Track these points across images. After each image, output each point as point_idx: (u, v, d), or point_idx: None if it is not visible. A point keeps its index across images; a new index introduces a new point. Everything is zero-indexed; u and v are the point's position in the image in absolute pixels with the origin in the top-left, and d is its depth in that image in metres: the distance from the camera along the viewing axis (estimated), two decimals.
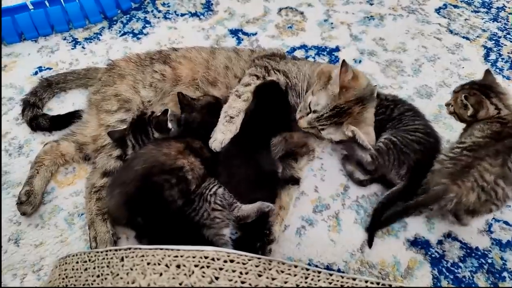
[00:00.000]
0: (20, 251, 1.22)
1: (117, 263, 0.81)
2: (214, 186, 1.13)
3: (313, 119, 1.25)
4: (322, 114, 1.23)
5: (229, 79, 1.45)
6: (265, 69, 1.38)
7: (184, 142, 1.19)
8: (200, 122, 1.24)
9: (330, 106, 1.23)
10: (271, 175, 1.25)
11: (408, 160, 1.26)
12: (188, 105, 1.27)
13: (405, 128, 1.32)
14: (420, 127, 1.32)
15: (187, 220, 1.08)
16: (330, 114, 1.23)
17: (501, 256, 1.24)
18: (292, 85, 1.38)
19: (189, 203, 1.10)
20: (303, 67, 1.43)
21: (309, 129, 1.30)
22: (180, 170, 1.10)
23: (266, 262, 0.79)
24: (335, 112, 1.23)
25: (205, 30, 1.97)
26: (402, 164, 1.27)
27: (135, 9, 2.06)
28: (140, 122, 1.29)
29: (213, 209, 1.09)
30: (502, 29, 1.99)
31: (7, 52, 1.80)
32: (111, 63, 1.55)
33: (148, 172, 1.07)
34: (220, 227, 1.09)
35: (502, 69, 1.80)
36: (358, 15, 2.05)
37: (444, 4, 2.12)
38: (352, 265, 1.21)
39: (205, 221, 1.08)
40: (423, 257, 1.23)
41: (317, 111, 1.24)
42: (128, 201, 1.06)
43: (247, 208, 1.15)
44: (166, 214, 1.06)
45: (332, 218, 1.32)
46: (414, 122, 1.33)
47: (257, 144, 1.24)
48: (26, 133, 1.51)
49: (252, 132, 1.27)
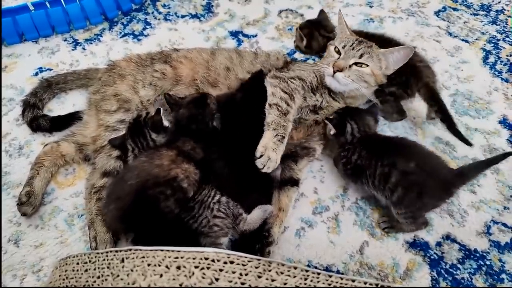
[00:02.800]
0: (20, 251, 1.22)
1: (117, 264, 0.82)
2: (217, 194, 1.12)
3: (347, 51, 1.34)
4: (352, 42, 1.35)
5: (230, 80, 1.45)
6: (282, 80, 1.36)
7: (175, 148, 1.17)
8: (188, 117, 1.23)
9: (352, 38, 1.39)
10: (265, 175, 1.24)
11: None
12: (175, 104, 1.27)
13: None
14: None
15: (184, 228, 1.07)
16: (358, 41, 1.36)
17: (499, 258, 1.24)
18: (308, 86, 1.38)
19: (187, 210, 1.09)
20: (305, 65, 1.46)
21: (349, 71, 1.32)
22: (174, 180, 1.08)
23: (265, 264, 0.79)
24: (359, 41, 1.37)
25: (205, 32, 1.97)
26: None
27: (136, 10, 2.06)
28: (137, 125, 1.29)
29: (214, 216, 1.08)
30: (501, 32, 2.00)
31: (7, 53, 1.80)
32: (111, 63, 1.55)
33: (142, 186, 1.05)
34: (218, 236, 1.08)
35: (501, 71, 1.80)
36: (358, 17, 2.06)
37: (443, 7, 2.13)
38: (351, 266, 1.22)
39: (203, 229, 1.07)
40: (422, 259, 1.24)
41: (345, 45, 1.35)
42: (124, 216, 1.06)
43: (252, 220, 1.16)
44: (163, 225, 1.05)
45: (332, 220, 1.33)
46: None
47: (250, 145, 1.24)
48: (26, 134, 1.51)
49: (246, 133, 1.26)
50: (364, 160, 1.24)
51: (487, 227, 1.31)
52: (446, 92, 1.71)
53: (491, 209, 1.35)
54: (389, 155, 1.21)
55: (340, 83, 1.32)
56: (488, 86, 1.74)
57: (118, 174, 1.26)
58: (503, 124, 1.60)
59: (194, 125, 1.22)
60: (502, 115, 1.63)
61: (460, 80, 1.76)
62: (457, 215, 1.33)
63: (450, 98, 1.69)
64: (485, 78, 1.77)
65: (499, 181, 1.42)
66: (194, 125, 1.22)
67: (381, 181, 1.20)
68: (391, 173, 1.18)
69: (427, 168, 1.18)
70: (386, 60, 1.35)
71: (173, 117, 1.27)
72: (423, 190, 1.16)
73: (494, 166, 1.45)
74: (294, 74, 1.41)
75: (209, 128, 1.22)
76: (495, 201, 1.37)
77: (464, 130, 1.57)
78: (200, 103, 1.25)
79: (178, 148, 1.17)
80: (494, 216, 1.33)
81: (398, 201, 1.19)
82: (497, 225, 1.31)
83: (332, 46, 1.41)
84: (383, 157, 1.21)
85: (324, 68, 1.35)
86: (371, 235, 1.28)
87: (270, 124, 1.22)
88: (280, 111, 1.25)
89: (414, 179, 1.16)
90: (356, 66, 1.32)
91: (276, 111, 1.25)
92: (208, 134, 1.22)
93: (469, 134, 1.56)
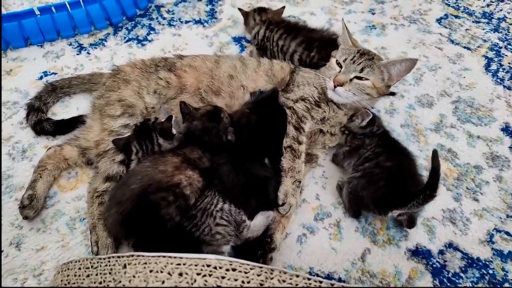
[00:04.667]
0: (21, 255, 1.23)
1: (119, 270, 0.82)
2: (219, 202, 1.12)
3: (348, 65, 1.35)
4: (353, 56, 1.35)
5: (233, 88, 1.45)
6: (292, 112, 1.39)
7: (181, 155, 1.18)
8: (201, 129, 1.25)
9: (354, 49, 1.39)
10: (265, 180, 1.25)
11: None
12: (189, 114, 1.28)
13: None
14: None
15: (185, 236, 1.06)
16: (359, 53, 1.37)
17: (502, 267, 1.23)
18: (312, 102, 1.42)
19: (190, 218, 1.09)
20: (308, 78, 1.47)
21: (349, 84, 1.34)
22: (177, 186, 1.08)
23: (268, 271, 0.79)
24: (360, 53, 1.37)
25: (208, 37, 1.98)
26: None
27: (140, 16, 2.08)
28: (144, 128, 1.29)
29: (217, 224, 1.08)
30: (503, 40, 2.00)
31: (13, 56, 1.82)
32: (115, 68, 1.56)
33: (144, 191, 1.05)
34: (219, 244, 1.08)
35: (503, 79, 1.81)
36: (360, 24, 2.07)
37: (445, 14, 2.14)
38: (353, 274, 1.21)
39: (205, 237, 1.06)
40: (424, 267, 1.23)
41: (346, 59, 1.36)
42: (125, 220, 1.06)
43: (256, 227, 1.16)
44: (163, 232, 1.05)
45: (333, 226, 1.32)
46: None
47: (250, 156, 1.25)
48: (30, 137, 1.52)
49: (246, 146, 1.26)
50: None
51: (490, 236, 1.30)
52: (448, 99, 1.71)
53: (494, 217, 1.35)
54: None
55: (341, 96, 1.36)
56: (490, 94, 1.74)
57: (121, 179, 1.26)
58: (506, 131, 1.60)
59: (207, 137, 1.23)
60: (505, 123, 1.63)
61: (462, 87, 1.77)
62: (459, 223, 1.33)
63: (452, 105, 1.69)
64: (487, 85, 1.78)
65: (502, 189, 1.42)
66: (207, 137, 1.23)
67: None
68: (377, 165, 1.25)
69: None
70: (389, 72, 1.37)
71: (186, 127, 1.28)
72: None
73: (497, 174, 1.46)
74: (299, 94, 1.44)
75: (223, 142, 1.24)
76: (498, 209, 1.37)
77: (466, 137, 1.57)
78: (214, 116, 1.26)
79: (184, 155, 1.17)
80: (497, 224, 1.33)
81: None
82: (500, 233, 1.31)
83: (333, 59, 1.42)
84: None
85: (326, 81, 1.38)
86: (373, 242, 1.28)
87: (287, 172, 1.28)
88: (294, 155, 1.31)
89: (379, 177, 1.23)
90: (357, 79, 1.34)
91: (291, 155, 1.31)
92: (221, 146, 1.23)
93: (471, 141, 1.56)
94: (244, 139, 1.26)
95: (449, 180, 1.44)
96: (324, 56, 1.59)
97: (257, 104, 1.32)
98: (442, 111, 1.67)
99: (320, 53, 1.62)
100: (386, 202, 1.19)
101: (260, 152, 1.27)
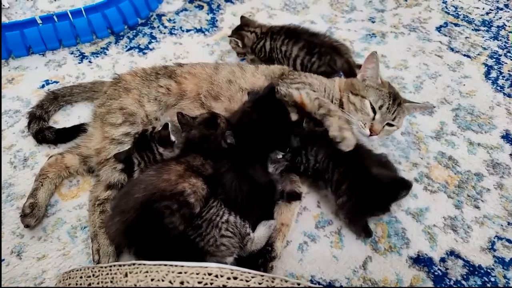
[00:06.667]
0: (22, 264, 1.22)
1: (121, 278, 0.82)
2: (225, 213, 1.12)
3: (384, 113, 1.36)
4: (388, 104, 1.36)
5: (232, 92, 1.46)
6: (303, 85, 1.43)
7: (184, 163, 1.18)
8: (200, 137, 1.25)
9: (385, 93, 1.38)
10: (267, 188, 1.25)
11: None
12: (186, 124, 1.29)
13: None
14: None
15: (189, 245, 1.06)
16: (392, 99, 1.37)
17: (504, 274, 1.23)
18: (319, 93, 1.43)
19: (195, 228, 1.08)
20: (321, 79, 1.51)
21: (382, 131, 1.38)
22: (181, 194, 1.08)
23: (269, 280, 0.79)
24: (392, 97, 1.37)
25: (209, 46, 2.00)
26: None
27: (142, 24, 2.10)
28: (143, 140, 1.30)
29: (222, 235, 1.08)
30: (503, 47, 2.02)
31: (14, 65, 1.84)
32: (117, 77, 1.58)
33: (148, 200, 1.05)
34: (224, 255, 1.07)
35: (503, 86, 1.82)
36: (360, 32, 2.09)
37: (445, 22, 2.16)
38: (354, 282, 1.21)
39: (210, 247, 1.06)
40: (426, 275, 1.22)
41: (382, 106, 1.35)
42: (128, 229, 1.06)
43: (260, 240, 1.16)
44: (167, 241, 1.04)
45: (335, 234, 1.32)
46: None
47: (252, 158, 1.25)
48: (31, 145, 1.52)
49: (249, 146, 1.26)
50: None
51: (492, 243, 1.30)
52: (448, 106, 1.72)
53: (495, 224, 1.34)
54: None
55: (368, 139, 1.42)
56: (490, 101, 1.75)
57: (124, 187, 1.26)
58: (506, 139, 1.60)
59: (206, 144, 1.24)
60: (505, 130, 1.63)
61: (462, 95, 1.77)
62: (461, 230, 1.33)
63: (452, 112, 1.70)
64: (487, 93, 1.79)
65: (502, 196, 1.42)
66: (206, 144, 1.24)
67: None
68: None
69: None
70: (408, 112, 1.47)
71: (185, 136, 1.28)
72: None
73: (497, 181, 1.46)
74: (305, 80, 1.47)
75: (223, 147, 1.24)
76: (499, 216, 1.36)
77: (467, 144, 1.58)
78: (210, 123, 1.27)
79: (188, 163, 1.18)
80: (498, 231, 1.33)
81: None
82: (501, 240, 1.31)
83: (367, 101, 1.37)
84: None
85: (360, 127, 1.37)
86: (374, 250, 1.28)
87: (328, 115, 1.32)
88: (321, 100, 1.36)
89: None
90: (388, 126, 1.40)
91: (321, 101, 1.35)
92: (221, 151, 1.24)
93: (472, 149, 1.56)
94: (247, 139, 1.25)
95: (450, 187, 1.44)
96: (324, 63, 1.62)
97: (256, 102, 1.33)
98: (443, 118, 1.68)
99: (320, 59, 1.64)
100: (384, 197, 1.25)
101: (266, 148, 1.27)
